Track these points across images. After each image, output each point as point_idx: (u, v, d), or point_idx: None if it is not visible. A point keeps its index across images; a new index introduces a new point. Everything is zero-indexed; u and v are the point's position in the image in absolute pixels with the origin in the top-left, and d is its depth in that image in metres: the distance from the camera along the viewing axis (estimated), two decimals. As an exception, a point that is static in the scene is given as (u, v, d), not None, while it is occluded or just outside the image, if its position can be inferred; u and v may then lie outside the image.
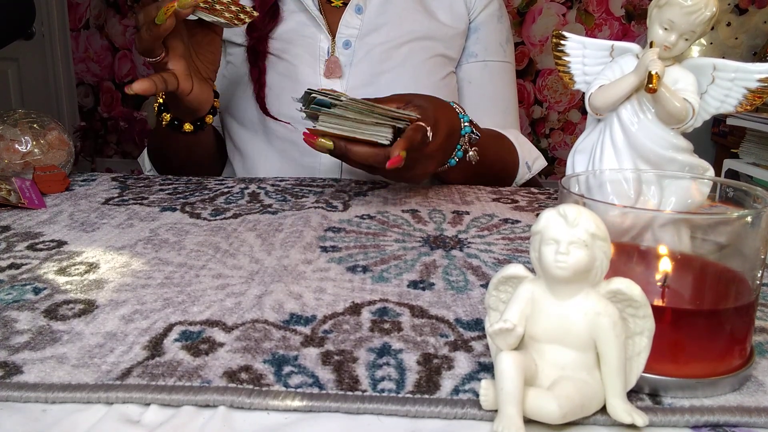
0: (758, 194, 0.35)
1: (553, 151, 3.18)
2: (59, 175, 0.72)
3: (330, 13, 0.90)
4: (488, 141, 0.82)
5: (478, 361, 0.35)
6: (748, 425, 0.31)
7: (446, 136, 0.70)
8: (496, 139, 0.88)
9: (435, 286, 0.46)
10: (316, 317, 0.40)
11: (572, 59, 0.56)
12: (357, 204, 0.69)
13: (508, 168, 0.89)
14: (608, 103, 0.52)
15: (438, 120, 0.68)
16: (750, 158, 1.94)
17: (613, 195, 0.41)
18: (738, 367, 0.33)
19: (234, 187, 0.76)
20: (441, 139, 0.69)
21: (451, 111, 0.73)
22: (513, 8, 3.03)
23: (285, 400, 0.31)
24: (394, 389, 0.32)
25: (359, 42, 0.88)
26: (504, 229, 0.61)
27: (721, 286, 0.34)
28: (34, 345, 0.36)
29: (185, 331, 0.38)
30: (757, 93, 0.49)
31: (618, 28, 3.01)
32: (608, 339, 0.29)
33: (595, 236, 0.29)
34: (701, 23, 0.48)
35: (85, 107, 3.53)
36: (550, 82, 3.11)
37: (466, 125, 0.74)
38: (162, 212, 0.64)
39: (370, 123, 0.62)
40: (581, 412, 0.29)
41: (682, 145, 0.51)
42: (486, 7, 0.94)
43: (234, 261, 0.50)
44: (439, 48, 0.90)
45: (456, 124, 0.73)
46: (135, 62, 3.42)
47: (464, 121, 0.74)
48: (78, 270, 0.48)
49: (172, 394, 0.32)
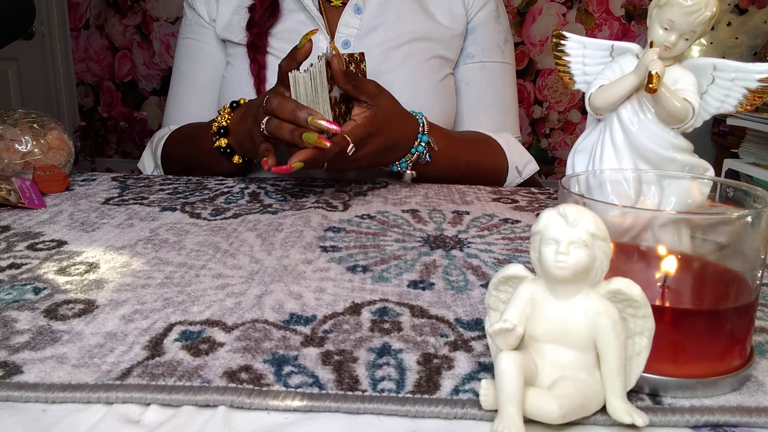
0: (758, 194, 0.35)
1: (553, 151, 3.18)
2: (59, 175, 0.72)
3: (329, 13, 0.90)
4: (463, 148, 0.84)
5: (478, 361, 0.35)
6: (748, 425, 0.31)
7: (382, 148, 0.72)
8: (477, 145, 0.89)
9: (435, 286, 0.46)
10: (316, 317, 0.40)
11: (572, 59, 0.56)
12: (357, 204, 0.69)
13: (490, 173, 0.89)
14: (608, 103, 0.52)
15: (376, 135, 0.70)
16: (750, 158, 1.94)
17: (613, 195, 0.41)
18: (738, 367, 0.33)
19: (234, 187, 0.76)
20: (372, 149, 0.71)
21: (408, 126, 0.75)
22: (513, 8, 3.03)
23: (285, 400, 0.31)
24: (394, 389, 0.32)
25: (358, 42, 0.88)
26: (504, 229, 0.61)
27: (721, 286, 0.34)
28: (34, 345, 0.36)
29: (185, 331, 0.38)
30: (757, 93, 0.49)
31: (618, 28, 3.01)
32: (608, 339, 0.29)
33: (595, 236, 0.29)
34: (701, 23, 0.48)
35: (85, 107, 3.54)
36: (550, 82, 3.11)
37: (420, 145, 0.77)
38: (162, 212, 0.64)
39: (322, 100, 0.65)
40: (581, 412, 0.29)
41: (682, 145, 0.51)
42: (483, 8, 0.94)
43: (234, 261, 0.50)
44: (437, 49, 0.90)
45: (406, 141, 0.76)
46: (135, 62, 3.42)
47: (421, 140, 0.77)
48: (78, 270, 0.48)
49: (172, 394, 0.32)
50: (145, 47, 3.38)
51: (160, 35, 3.34)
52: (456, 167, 0.83)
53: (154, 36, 3.35)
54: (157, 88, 3.41)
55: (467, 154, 0.85)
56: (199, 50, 0.94)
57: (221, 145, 0.77)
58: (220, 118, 0.77)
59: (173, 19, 3.30)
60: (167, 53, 3.34)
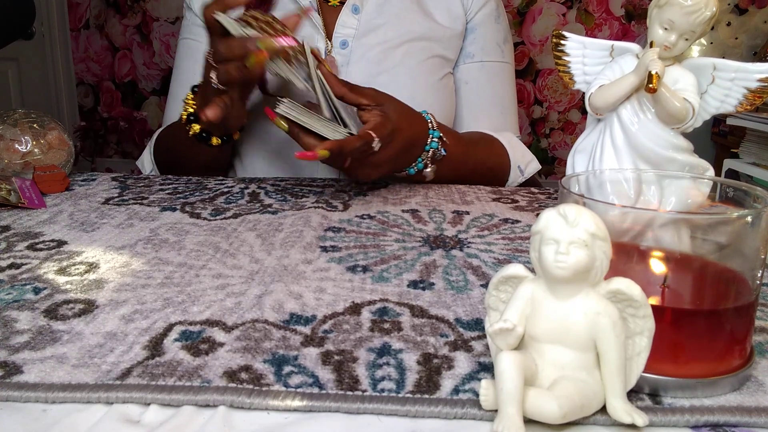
0: (758, 194, 0.35)
1: (553, 151, 3.18)
2: (59, 175, 0.72)
3: (327, 13, 0.89)
4: (469, 147, 0.83)
5: (478, 361, 0.35)
6: (748, 425, 0.31)
7: (400, 150, 0.71)
8: (481, 144, 0.88)
9: (435, 286, 0.46)
10: (316, 317, 0.40)
11: (572, 59, 0.56)
12: (357, 204, 0.69)
13: (495, 173, 0.89)
14: (608, 103, 0.52)
15: (396, 132, 0.69)
16: (750, 158, 1.94)
17: (613, 195, 0.41)
18: (738, 367, 0.33)
19: (234, 187, 0.76)
20: (392, 152, 0.70)
21: (419, 124, 0.74)
22: (513, 8, 3.03)
23: (285, 400, 0.31)
24: (394, 389, 0.32)
25: (356, 42, 0.88)
26: (504, 229, 0.61)
27: (721, 286, 0.34)
28: (34, 345, 0.36)
29: (185, 331, 0.38)
30: (757, 93, 0.49)
31: (618, 28, 3.01)
32: (608, 339, 0.29)
33: (595, 236, 0.29)
34: (701, 23, 0.48)
35: (85, 107, 3.54)
36: (550, 82, 3.11)
37: (434, 140, 0.75)
38: (162, 212, 0.64)
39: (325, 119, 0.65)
40: (581, 412, 0.29)
41: (682, 145, 0.51)
42: (483, 8, 0.94)
43: (234, 261, 0.50)
44: (436, 49, 0.90)
45: (420, 139, 0.74)
46: (135, 62, 3.42)
47: (433, 136, 0.75)
48: (78, 270, 0.48)
49: (172, 394, 0.32)
50: (145, 47, 3.38)
51: (160, 35, 3.34)
52: (465, 165, 0.82)
53: (154, 36, 3.35)
54: (157, 88, 3.41)
55: (474, 153, 0.84)
56: (198, 51, 0.94)
57: (195, 131, 0.76)
58: (186, 106, 0.77)
59: (173, 19, 3.30)
60: (167, 53, 3.34)
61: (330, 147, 0.62)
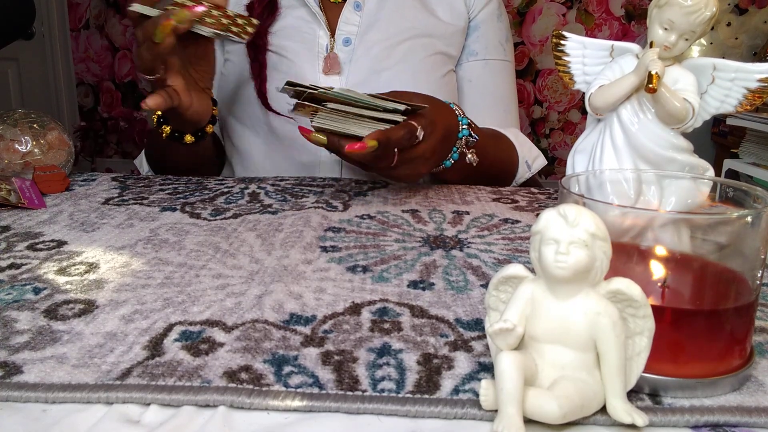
0: (758, 194, 0.35)
1: (553, 151, 3.18)
2: (59, 175, 0.72)
3: (329, 9, 0.89)
4: (487, 141, 0.82)
5: (478, 361, 0.35)
6: (748, 425, 0.31)
7: (441, 139, 0.69)
8: (495, 138, 0.88)
9: (435, 286, 0.46)
10: (316, 317, 0.40)
11: (572, 59, 0.56)
12: (357, 204, 0.69)
13: (508, 167, 0.89)
14: (608, 103, 0.52)
15: (434, 122, 0.67)
16: (750, 158, 1.94)
17: (613, 195, 0.41)
18: (738, 367, 0.33)
19: (234, 187, 0.76)
20: (435, 142, 0.68)
21: (449, 113, 0.73)
22: (513, 8, 3.03)
23: (285, 400, 0.31)
24: (394, 389, 0.32)
25: (359, 39, 0.88)
26: (504, 229, 0.61)
27: (721, 286, 0.34)
28: (34, 345, 0.36)
29: (185, 331, 0.38)
30: (757, 93, 0.49)
31: (618, 28, 3.01)
32: (608, 339, 0.29)
33: (595, 236, 0.29)
34: (701, 23, 0.48)
35: (85, 107, 3.54)
36: (550, 82, 3.11)
37: (464, 128, 0.73)
38: (162, 212, 0.64)
39: (367, 119, 0.62)
40: (581, 412, 0.29)
41: (682, 145, 0.51)
42: (486, 6, 0.94)
43: (234, 261, 0.50)
44: (438, 45, 0.90)
45: (453, 127, 0.72)
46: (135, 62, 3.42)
47: (462, 123, 0.73)
48: (78, 270, 0.48)
49: (172, 394, 0.32)
50: (145, 47, 3.37)
51: (159, 35, 3.34)
52: (485, 158, 0.79)
53: (154, 36, 3.35)
54: (157, 88, 3.41)
55: (492, 144, 0.84)
56: None
57: (167, 132, 0.77)
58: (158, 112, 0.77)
59: (173, 19, 3.29)
60: (167, 53, 3.33)
61: (377, 137, 0.61)
